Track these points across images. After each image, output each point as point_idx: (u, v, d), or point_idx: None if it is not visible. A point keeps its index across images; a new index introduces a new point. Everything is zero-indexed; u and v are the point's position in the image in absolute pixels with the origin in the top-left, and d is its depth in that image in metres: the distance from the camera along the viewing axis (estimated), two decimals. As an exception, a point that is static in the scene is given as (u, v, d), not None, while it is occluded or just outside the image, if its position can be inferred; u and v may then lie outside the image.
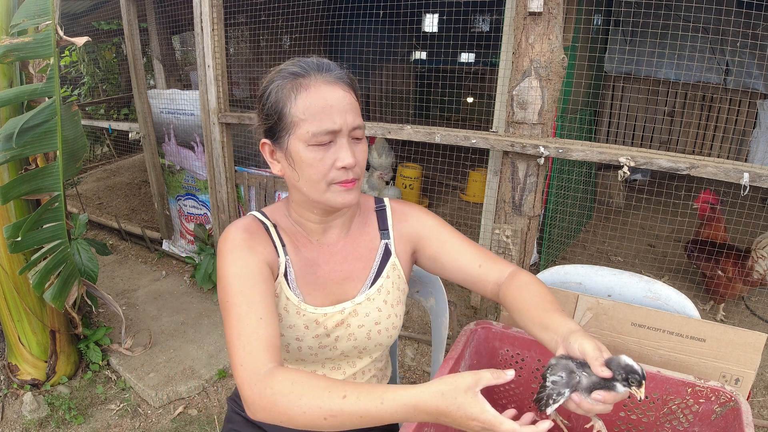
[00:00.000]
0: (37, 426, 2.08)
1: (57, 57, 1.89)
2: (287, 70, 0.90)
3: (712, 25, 4.11)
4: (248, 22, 5.08)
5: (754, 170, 1.56)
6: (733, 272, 2.74)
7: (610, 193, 4.38)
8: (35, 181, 1.93)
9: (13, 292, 2.16)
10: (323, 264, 1.01)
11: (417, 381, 2.36)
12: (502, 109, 2.05)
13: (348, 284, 1.02)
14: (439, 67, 6.50)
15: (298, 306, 0.96)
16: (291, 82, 0.89)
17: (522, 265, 2.12)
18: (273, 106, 0.90)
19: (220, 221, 3.12)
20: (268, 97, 0.91)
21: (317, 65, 0.90)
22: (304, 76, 0.89)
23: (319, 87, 0.87)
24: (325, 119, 0.87)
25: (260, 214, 1.01)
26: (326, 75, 0.89)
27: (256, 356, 0.78)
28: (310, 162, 0.88)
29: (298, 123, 0.87)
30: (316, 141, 0.87)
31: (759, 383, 2.30)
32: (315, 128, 0.86)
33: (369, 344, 1.03)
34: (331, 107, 0.87)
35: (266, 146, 0.95)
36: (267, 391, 0.74)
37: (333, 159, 0.88)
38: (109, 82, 6.58)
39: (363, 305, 1.01)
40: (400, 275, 1.06)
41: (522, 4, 1.83)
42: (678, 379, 0.97)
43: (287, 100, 0.88)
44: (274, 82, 0.91)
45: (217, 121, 2.83)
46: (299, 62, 0.91)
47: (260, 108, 0.94)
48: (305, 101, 0.87)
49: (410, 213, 1.08)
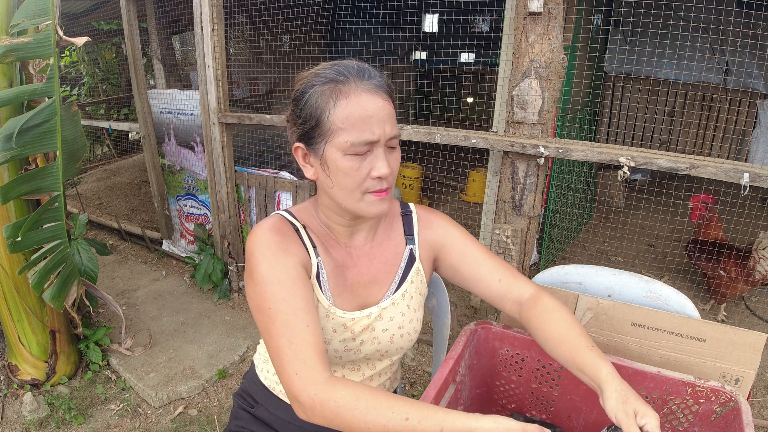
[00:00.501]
0: (37, 426, 2.08)
1: (57, 57, 1.89)
2: (326, 74, 0.87)
3: (712, 25, 4.11)
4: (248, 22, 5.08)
5: (754, 170, 1.56)
6: (735, 272, 2.74)
7: (610, 193, 4.38)
8: (35, 181, 1.93)
9: (13, 292, 2.16)
10: (351, 267, 1.01)
11: (417, 381, 2.36)
12: (502, 109, 2.05)
13: (374, 287, 1.02)
14: (439, 67, 6.51)
15: (328, 309, 0.96)
16: (330, 88, 0.86)
17: (522, 265, 2.12)
18: (310, 111, 0.87)
19: (220, 221, 3.12)
20: (306, 101, 0.88)
21: (358, 71, 0.88)
22: (343, 82, 0.86)
23: (359, 95, 0.85)
24: (365, 130, 0.85)
25: (288, 214, 1.00)
26: (367, 83, 0.87)
27: (312, 365, 0.80)
28: (347, 171, 0.87)
29: (336, 131, 0.85)
30: (353, 151, 0.85)
31: (759, 383, 2.30)
32: (354, 138, 0.85)
33: (391, 348, 1.03)
34: (370, 117, 0.85)
35: (299, 150, 0.93)
36: (330, 403, 0.77)
37: (369, 168, 0.87)
38: (109, 82, 6.58)
39: (388, 310, 1.02)
40: (422, 280, 1.07)
41: (522, 4, 1.83)
42: (678, 379, 0.97)
43: (326, 106, 0.85)
44: (312, 86, 0.88)
45: (217, 121, 2.84)
46: (339, 66, 0.88)
47: (295, 111, 0.91)
48: (345, 110, 0.84)
49: (435, 221, 1.08)
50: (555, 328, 0.93)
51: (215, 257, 3.13)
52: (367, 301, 1.02)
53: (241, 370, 2.46)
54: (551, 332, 0.93)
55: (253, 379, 1.15)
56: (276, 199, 2.86)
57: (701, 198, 2.91)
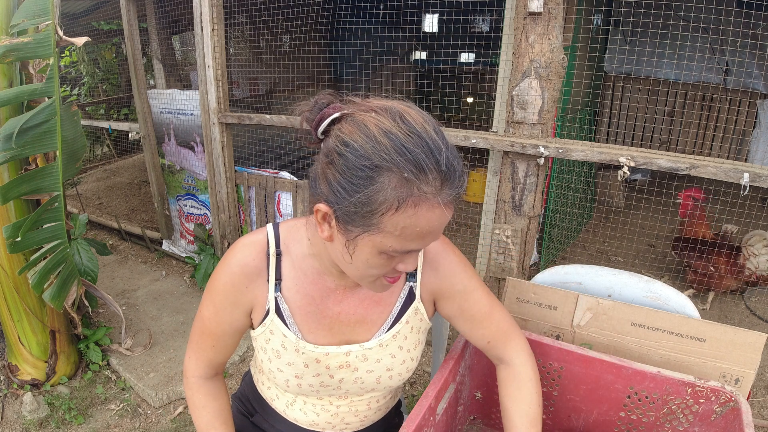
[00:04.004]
0: (37, 426, 2.08)
1: (57, 57, 1.89)
2: (405, 161, 0.65)
3: (712, 25, 4.11)
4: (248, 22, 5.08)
5: (754, 170, 1.56)
6: (725, 270, 2.76)
7: (610, 193, 4.38)
8: (35, 181, 1.93)
9: (13, 292, 2.16)
10: (333, 305, 0.93)
11: (417, 381, 2.36)
12: (502, 109, 2.05)
13: (361, 327, 0.94)
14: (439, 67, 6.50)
15: (296, 344, 0.91)
16: (401, 184, 0.66)
17: (522, 265, 2.12)
18: (365, 198, 0.67)
19: (220, 221, 3.12)
20: (363, 182, 0.67)
21: (446, 172, 0.67)
22: (423, 181, 0.66)
23: (431, 209, 0.68)
24: (416, 243, 0.72)
25: (273, 236, 0.91)
26: (447, 192, 0.68)
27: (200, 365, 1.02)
28: (374, 265, 0.75)
29: (383, 232, 0.69)
30: (392, 253, 0.73)
31: (759, 383, 2.30)
32: (400, 247, 0.71)
33: (378, 386, 0.98)
34: (429, 233, 0.71)
35: (322, 213, 0.74)
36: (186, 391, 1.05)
37: (397, 263, 0.77)
38: (109, 82, 6.58)
39: (374, 351, 0.94)
40: (422, 318, 0.97)
41: (522, 4, 1.83)
42: (678, 379, 0.97)
43: (386, 204, 0.67)
44: (379, 170, 0.66)
45: (217, 121, 2.83)
46: (424, 153, 0.66)
47: (340, 176, 0.69)
48: (408, 220, 0.68)
49: (442, 264, 0.95)
50: (512, 405, 0.96)
51: (215, 257, 3.13)
52: (351, 339, 0.94)
53: (241, 370, 2.46)
54: (509, 405, 0.96)
55: (251, 386, 1.16)
56: (276, 199, 2.86)
57: (690, 193, 2.92)
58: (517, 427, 0.93)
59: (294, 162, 4.04)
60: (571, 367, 1.06)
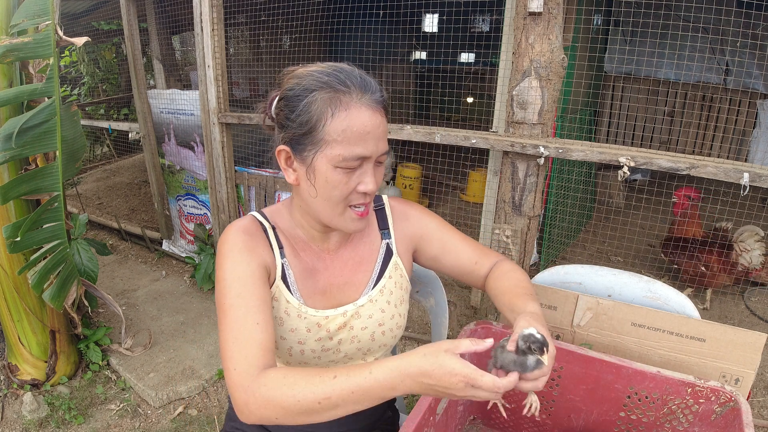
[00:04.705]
0: (37, 426, 2.08)
1: (57, 57, 1.89)
2: (327, 80, 0.83)
3: (712, 25, 4.11)
4: (248, 22, 5.08)
5: (754, 170, 1.56)
6: (717, 268, 2.77)
7: (610, 193, 4.38)
8: (35, 181, 1.93)
9: (13, 292, 2.16)
10: (323, 270, 1.00)
11: (417, 381, 2.36)
12: (502, 109, 2.05)
13: (349, 288, 1.01)
14: (439, 67, 6.50)
15: (299, 309, 0.95)
16: (330, 96, 0.82)
17: (522, 265, 2.12)
18: (306, 117, 0.83)
19: (220, 221, 3.12)
20: (302, 106, 0.83)
21: (361, 83, 0.84)
22: (345, 92, 0.82)
23: (360, 110, 0.82)
24: (361, 145, 0.83)
25: (260, 215, 1.00)
26: (369, 97, 0.84)
27: (252, 361, 0.78)
28: (335, 183, 0.85)
29: (329, 143, 0.83)
30: (345, 165, 0.84)
31: (759, 383, 2.30)
32: (348, 153, 0.83)
33: (373, 345, 1.02)
34: (368, 134, 0.83)
35: (283, 153, 0.90)
36: (261, 389, 0.74)
37: (356, 183, 0.86)
38: (109, 82, 6.58)
39: (365, 307, 1.00)
40: (402, 274, 1.06)
41: (522, 4, 1.83)
42: (678, 379, 0.97)
43: (323, 115, 0.82)
44: (310, 90, 0.83)
45: (217, 121, 2.84)
46: (340, 73, 0.84)
47: (284, 112, 0.87)
48: (343, 122, 0.81)
49: (411, 213, 1.08)
50: (505, 283, 0.99)
51: (215, 257, 3.12)
52: (344, 300, 1.00)
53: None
54: (500, 287, 0.99)
55: None
56: (276, 199, 2.86)
57: (686, 192, 2.92)
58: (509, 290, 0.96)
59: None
60: (571, 367, 1.06)
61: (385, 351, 1.07)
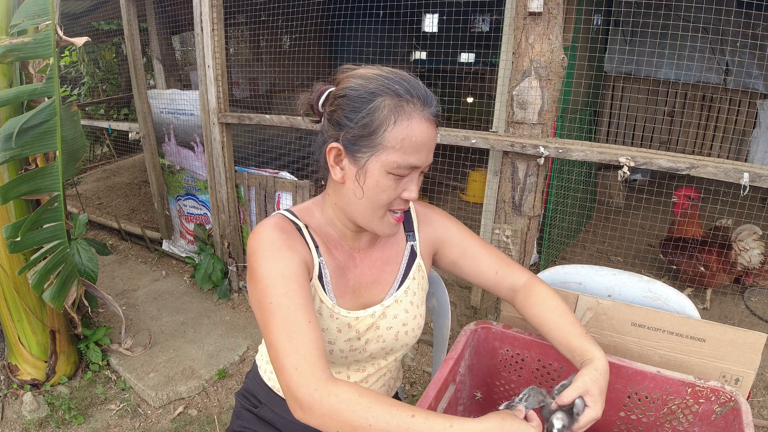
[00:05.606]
0: (37, 426, 2.08)
1: (57, 57, 1.89)
2: (394, 87, 0.85)
3: (712, 25, 4.11)
4: (248, 22, 5.08)
5: (754, 170, 1.56)
6: (717, 268, 2.77)
7: (610, 193, 4.38)
8: (35, 181, 1.93)
9: (13, 292, 2.16)
10: (353, 268, 1.01)
11: (417, 381, 2.36)
12: (502, 109, 2.05)
13: (376, 288, 1.03)
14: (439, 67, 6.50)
15: (332, 309, 0.96)
16: (395, 103, 0.84)
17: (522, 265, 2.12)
18: (369, 119, 0.84)
19: (220, 221, 3.12)
20: (367, 108, 0.84)
21: (424, 96, 0.87)
22: (409, 101, 0.84)
23: (420, 122, 0.85)
24: (415, 156, 0.86)
25: (290, 214, 0.98)
26: (428, 110, 0.86)
27: (313, 361, 0.77)
28: (383, 188, 0.87)
29: (387, 149, 0.84)
30: (397, 172, 0.86)
31: (759, 383, 2.30)
32: (403, 161, 0.85)
33: (396, 345, 1.04)
34: (424, 146, 0.86)
35: (334, 150, 0.89)
36: (331, 398, 0.73)
37: (402, 190, 0.89)
38: (109, 82, 6.58)
39: (391, 308, 1.02)
40: (423, 276, 1.09)
41: (522, 4, 1.83)
42: (678, 379, 0.97)
43: (385, 120, 0.83)
44: (377, 95, 0.84)
45: (217, 121, 2.84)
46: (407, 82, 0.86)
47: (345, 110, 0.86)
48: (404, 131, 0.84)
49: (434, 217, 1.11)
50: (550, 315, 0.99)
51: (215, 257, 3.13)
52: (370, 300, 1.02)
53: (242, 370, 2.46)
54: (546, 320, 0.99)
55: (256, 379, 1.15)
56: (276, 199, 2.86)
57: (686, 192, 2.92)
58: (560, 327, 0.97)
59: (294, 162, 4.04)
60: (571, 367, 1.06)
61: (405, 350, 1.09)
